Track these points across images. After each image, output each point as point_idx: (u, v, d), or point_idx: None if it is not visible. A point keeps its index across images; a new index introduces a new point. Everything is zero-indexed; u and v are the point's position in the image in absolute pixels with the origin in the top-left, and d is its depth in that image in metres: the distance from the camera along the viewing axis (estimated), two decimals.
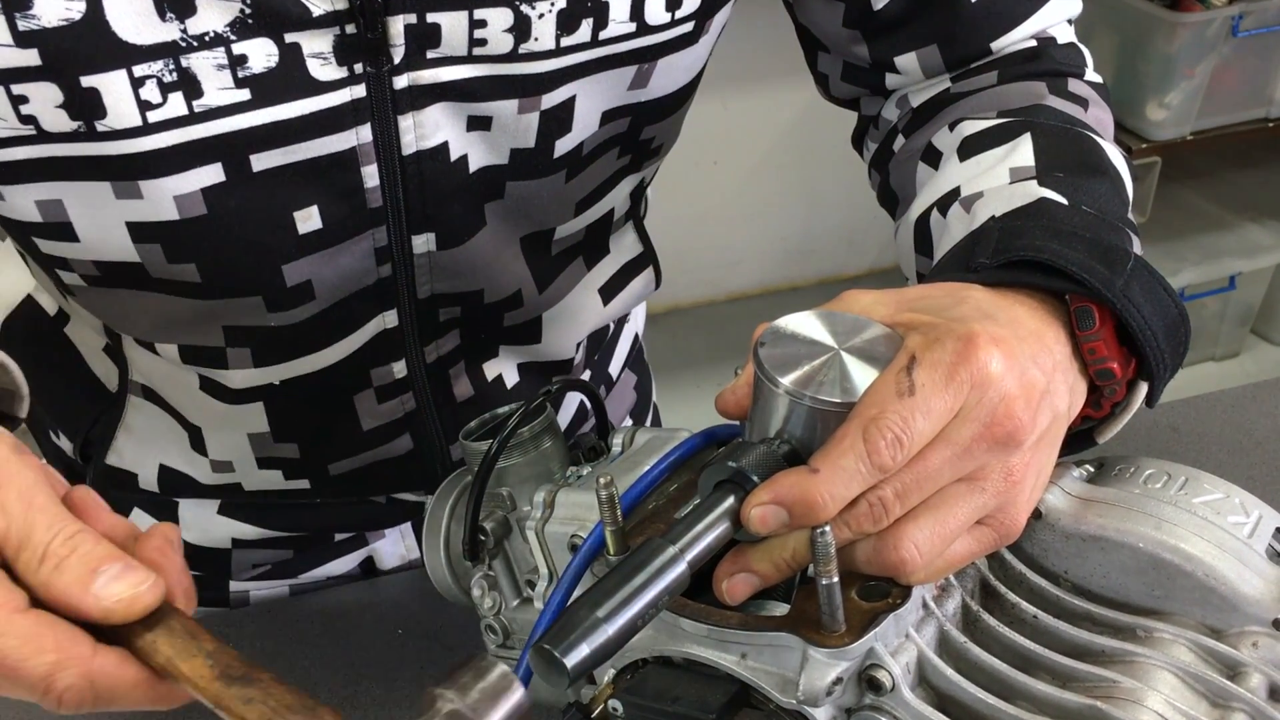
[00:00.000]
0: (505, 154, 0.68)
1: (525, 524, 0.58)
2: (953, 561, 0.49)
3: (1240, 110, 2.38)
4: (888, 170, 0.80)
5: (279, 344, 0.72)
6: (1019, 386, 0.48)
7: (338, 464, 0.80)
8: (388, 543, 0.91)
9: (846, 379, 0.48)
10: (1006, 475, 0.49)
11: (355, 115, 0.63)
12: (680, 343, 2.74)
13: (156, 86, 0.58)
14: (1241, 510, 0.53)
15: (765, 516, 0.47)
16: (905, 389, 0.46)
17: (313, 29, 0.59)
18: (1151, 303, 0.53)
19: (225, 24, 0.58)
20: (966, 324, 0.49)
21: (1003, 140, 0.68)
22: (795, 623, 0.48)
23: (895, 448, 0.46)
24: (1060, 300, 0.54)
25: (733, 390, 0.53)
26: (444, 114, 0.64)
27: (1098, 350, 0.53)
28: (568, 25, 0.63)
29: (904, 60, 0.76)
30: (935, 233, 0.70)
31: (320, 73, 0.61)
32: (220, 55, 0.58)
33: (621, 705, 0.52)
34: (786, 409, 0.48)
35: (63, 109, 0.58)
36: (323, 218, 0.65)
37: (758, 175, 2.79)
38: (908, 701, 0.47)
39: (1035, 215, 0.59)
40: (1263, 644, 0.51)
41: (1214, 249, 2.57)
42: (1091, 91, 0.74)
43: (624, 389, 0.98)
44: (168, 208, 0.62)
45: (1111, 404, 0.55)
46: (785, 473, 0.47)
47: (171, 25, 0.57)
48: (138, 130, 0.59)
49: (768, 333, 0.50)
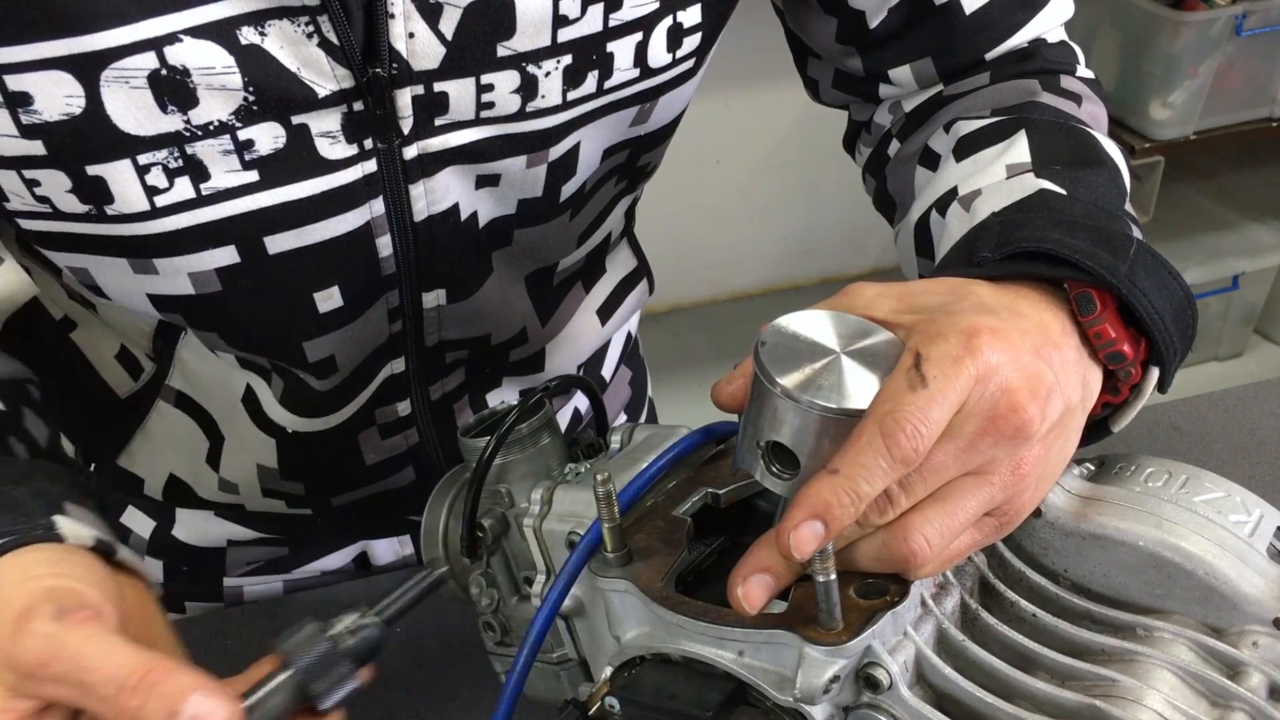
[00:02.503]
0: (513, 205, 0.68)
1: (523, 521, 0.58)
2: (957, 553, 0.49)
3: (1244, 110, 2.37)
4: (884, 175, 0.79)
5: (304, 401, 0.73)
6: (1022, 379, 0.48)
7: (340, 496, 0.81)
8: (383, 539, 0.91)
9: (846, 384, 0.47)
10: (1015, 469, 0.49)
11: (368, 190, 0.62)
12: (681, 342, 2.74)
13: (162, 172, 0.58)
14: (1242, 509, 0.53)
15: (803, 535, 0.45)
16: (917, 383, 0.46)
17: (320, 109, 0.59)
18: (1157, 286, 0.53)
19: (229, 112, 0.57)
20: (968, 318, 0.49)
21: (998, 138, 0.67)
22: (793, 620, 0.47)
23: (915, 440, 0.45)
24: (1062, 290, 0.54)
25: (728, 381, 0.53)
26: (453, 177, 0.64)
27: (1104, 334, 0.53)
28: (574, 80, 0.63)
29: (898, 73, 0.75)
30: (935, 233, 0.69)
31: (330, 151, 0.60)
32: (226, 142, 0.58)
33: (618, 702, 0.51)
34: (783, 410, 0.47)
35: (72, 194, 0.58)
36: (343, 295, 0.66)
37: (760, 175, 2.79)
38: (905, 700, 0.47)
39: (1035, 207, 0.59)
40: (1263, 643, 0.51)
41: (1217, 249, 2.57)
42: (1084, 87, 0.74)
43: (619, 385, 0.97)
44: (183, 283, 0.62)
45: (1130, 386, 0.55)
46: (809, 485, 0.46)
47: (174, 117, 0.56)
48: (146, 215, 0.59)
49: (770, 330, 0.49)
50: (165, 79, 0.55)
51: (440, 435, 0.79)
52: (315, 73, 0.58)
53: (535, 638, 0.54)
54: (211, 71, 0.56)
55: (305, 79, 0.58)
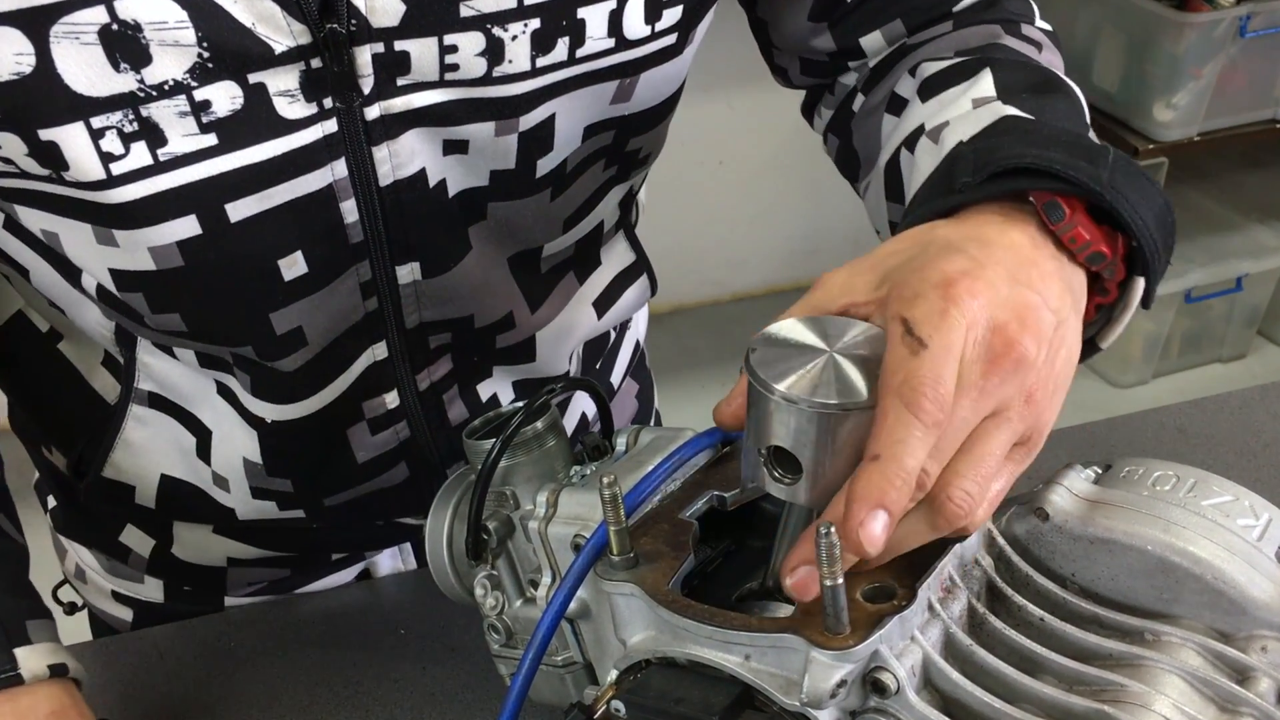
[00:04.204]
0: (485, 176, 0.66)
1: (529, 524, 0.58)
2: (999, 495, 0.49)
3: (1248, 111, 2.37)
4: (849, 130, 0.79)
5: (274, 386, 0.71)
6: (1009, 312, 0.48)
7: (333, 497, 0.79)
8: (385, 557, 0.90)
9: (842, 380, 0.47)
10: (1028, 398, 0.48)
11: (329, 151, 0.61)
12: (685, 343, 2.74)
13: (117, 137, 0.57)
14: (1251, 513, 0.53)
15: (871, 530, 0.45)
16: (916, 347, 0.46)
17: (277, 66, 0.58)
18: (1138, 192, 0.53)
19: (184, 71, 0.56)
20: (937, 269, 0.49)
21: (963, 77, 0.68)
22: (799, 624, 0.47)
23: (938, 400, 0.45)
24: (1027, 204, 0.54)
25: (728, 403, 0.53)
26: (418, 140, 0.63)
27: (1079, 238, 0.53)
28: (543, 45, 0.62)
29: (869, 39, 0.76)
30: (905, 171, 0.69)
31: (288, 111, 0.59)
32: (182, 102, 0.57)
33: (624, 706, 0.51)
34: (781, 415, 0.47)
35: (30, 158, 0.57)
36: (308, 261, 0.64)
37: (763, 175, 2.78)
38: (912, 704, 0.47)
39: (1006, 131, 0.59)
40: (1272, 648, 0.50)
41: (1221, 250, 2.56)
42: (1044, 37, 0.75)
43: (625, 398, 0.97)
44: (143, 258, 0.61)
45: (1117, 284, 0.55)
46: (858, 479, 0.46)
47: (127, 76, 0.55)
48: (103, 183, 0.58)
49: (758, 340, 0.49)
50: (116, 34, 0.54)
51: (432, 429, 0.77)
52: (271, 28, 0.57)
53: (541, 641, 0.53)
54: (164, 26, 0.55)
55: (261, 34, 0.57)
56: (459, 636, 0.79)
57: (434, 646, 0.78)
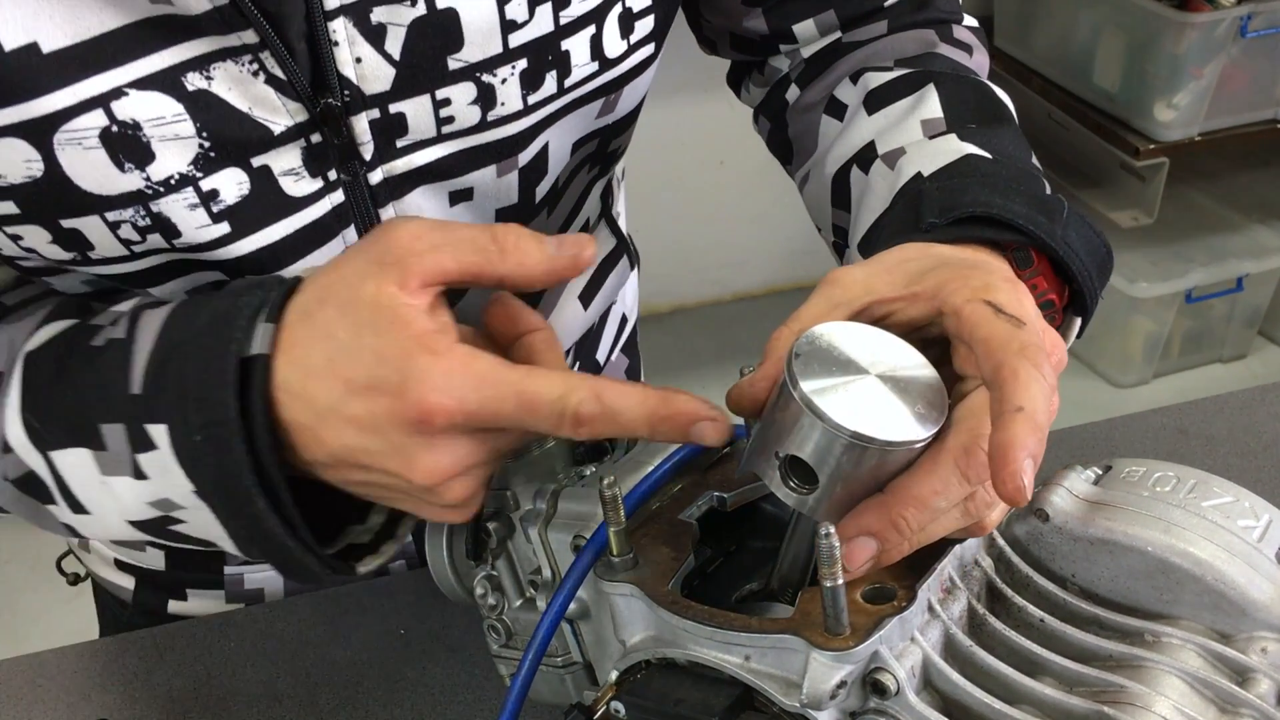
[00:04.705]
0: (491, 215, 0.67)
1: (528, 524, 0.58)
2: None
3: (1248, 111, 2.37)
4: (784, 120, 0.80)
5: None
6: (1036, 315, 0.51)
7: None
8: None
9: (884, 411, 0.45)
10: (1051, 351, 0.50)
11: (339, 221, 0.62)
12: (685, 343, 2.74)
13: (133, 229, 0.58)
14: (1251, 514, 0.53)
15: (1030, 478, 0.43)
16: (1016, 323, 0.47)
17: (278, 147, 0.58)
18: (1085, 245, 0.58)
19: (188, 163, 0.57)
20: (987, 270, 0.51)
21: (907, 91, 0.70)
22: (799, 625, 0.47)
23: (1050, 365, 0.46)
24: (998, 247, 0.57)
25: (750, 384, 0.50)
26: (425, 196, 0.64)
27: (1039, 285, 0.57)
28: (532, 83, 0.63)
29: (802, 27, 0.77)
30: (856, 188, 0.70)
31: (295, 189, 0.60)
32: (190, 195, 0.57)
33: (624, 707, 0.51)
34: (817, 434, 0.45)
35: (54, 244, 0.58)
36: None
37: (762, 175, 2.76)
38: (912, 705, 0.47)
39: (968, 173, 0.62)
40: (1272, 649, 0.50)
41: (1221, 250, 2.56)
42: (972, 37, 0.77)
43: (613, 373, 0.96)
44: (165, 295, 0.63)
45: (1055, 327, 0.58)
46: (1006, 427, 0.44)
47: (133, 175, 0.56)
48: (126, 258, 0.59)
49: (803, 342, 0.47)
50: (117, 135, 0.55)
51: None
52: (267, 110, 0.57)
53: (540, 641, 0.53)
54: (162, 122, 0.55)
55: (258, 118, 0.57)
56: (459, 636, 0.79)
57: (434, 646, 0.78)
